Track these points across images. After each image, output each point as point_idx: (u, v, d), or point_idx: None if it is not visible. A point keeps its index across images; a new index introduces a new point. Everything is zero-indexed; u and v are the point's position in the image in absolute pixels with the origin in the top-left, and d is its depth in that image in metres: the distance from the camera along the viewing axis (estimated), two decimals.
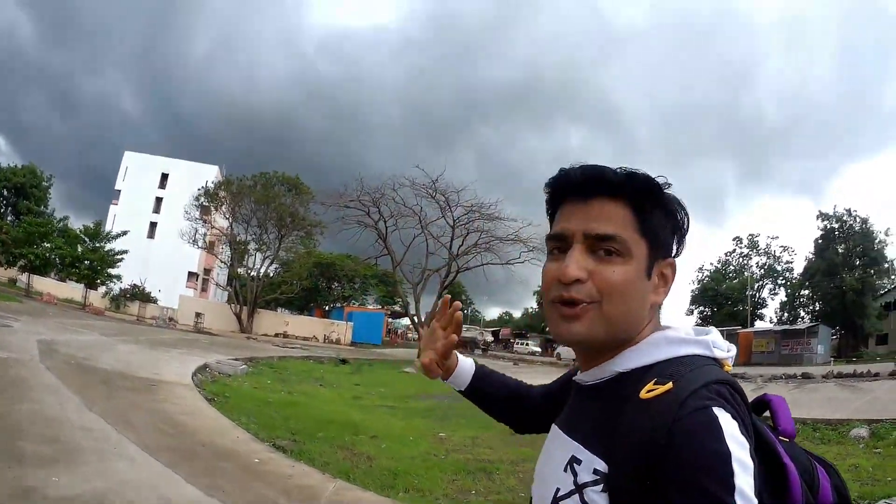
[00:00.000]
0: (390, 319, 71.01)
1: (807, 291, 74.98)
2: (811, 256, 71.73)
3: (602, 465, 1.05)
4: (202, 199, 51.04)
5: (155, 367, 15.12)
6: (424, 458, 9.79)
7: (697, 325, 1.31)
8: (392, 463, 9.15)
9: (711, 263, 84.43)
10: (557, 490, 1.13)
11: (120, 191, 72.96)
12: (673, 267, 1.22)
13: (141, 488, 6.08)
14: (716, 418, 0.95)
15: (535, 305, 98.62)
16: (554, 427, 1.32)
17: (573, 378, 1.35)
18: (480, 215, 42.09)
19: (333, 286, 67.54)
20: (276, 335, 47.03)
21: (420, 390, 21.70)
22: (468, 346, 61.49)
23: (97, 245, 46.21)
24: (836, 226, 67.37)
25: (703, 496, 0.89)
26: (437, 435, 12.11)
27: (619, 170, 1.19)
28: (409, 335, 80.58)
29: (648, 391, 1.03)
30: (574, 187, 1.22)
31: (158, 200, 72.98)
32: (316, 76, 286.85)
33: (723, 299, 79.59)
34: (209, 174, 67.74)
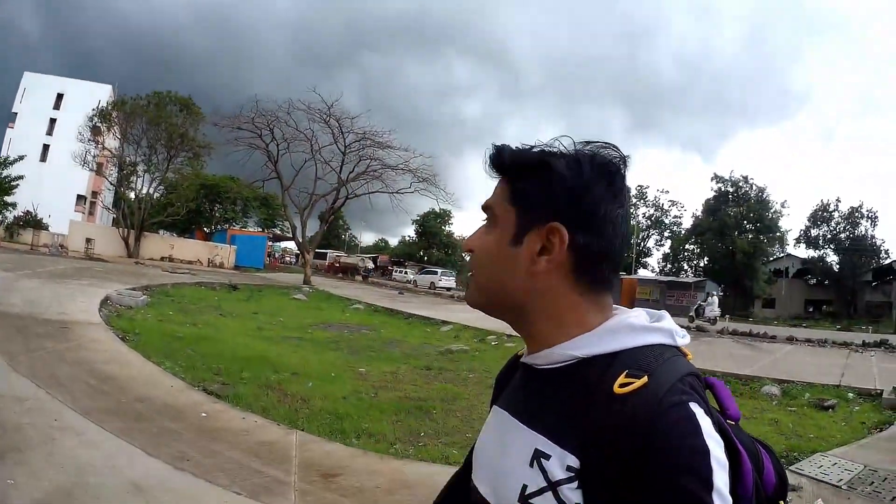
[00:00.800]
0: (270, 243, 68.60)
1: (692, 246, 77.64)
2: (699, 214, 74.86)
3: (574, 461, 0.94)
4: (96, 119, 47.02)
5: (61, 304, 13.72)
6: (358, 398, 9.34)
7: None
8: (327, 404, 8.66)
9: None
10: (525, 487, 0.99)
11: (17, 113, 66.82)
12: (557, 231, 1.05)
13: (103, 472, 5.09)
14: (693, 415, 0.90)
15: (412, 234, 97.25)
16: (501, 411, 1.19)
17: (521, 359, 1.21)
18: (372, 143, 41.48)
19: (215, 208, 64.06)
20: (162, 259, 44.46)
21: (316, 319, 21.34)
22: (349, 272, 60.38)
23: None
24: (731, 189, 70.28)
25: (682, 494, 0.83)
26: (357, 370, 11.70)
27: (494, 147, 1.15)
28: (287, 259, 78.83)
29: (622, 385, 0.94)
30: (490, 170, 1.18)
31: (52, 122, 67.17)
32: None
33: None
34: (102, 94, 62.88)
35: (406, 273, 69.07)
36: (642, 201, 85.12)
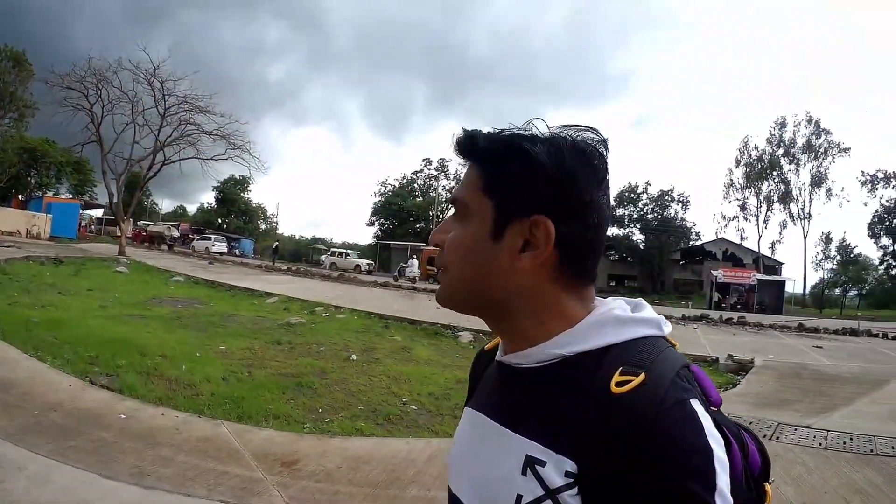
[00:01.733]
0: (81, 211, 62.01)
1: None
2: None
3: (572, 466, 0.86)
4: None
5: None
6: (237, 378, 8.95)
7: (377, 238, 1.17)
8: (214, 387, 8.29)
9: (396, 179, 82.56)
10: (520, 497, 0.89)
11: None
12: (542, 225, 0.94)
13: None
14: (696, 413, 0.83)
15: (211, 201, 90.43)
16: (478, 415, 1.06)
17: (498, 359, 1.08)
18: (191, 107, 38.22)
19: (31, 174, 56.78)
20: None
21: (147, 294, 19.73)
22: (156, 240, 55.95)
23: None
24: None
25: (686, 497, 0.77)
26: (217, 349, 11.07)
27: (465, 131, 1.02)
28: (92, 227, 72.69)
29: (619, 384, 0.85)
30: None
31: None
32: None
33: (406, 215, 78.04)
34: None
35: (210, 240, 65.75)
36: (443, 174, 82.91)
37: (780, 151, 66.39)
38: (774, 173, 66.25)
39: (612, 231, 71.67)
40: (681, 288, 65.69)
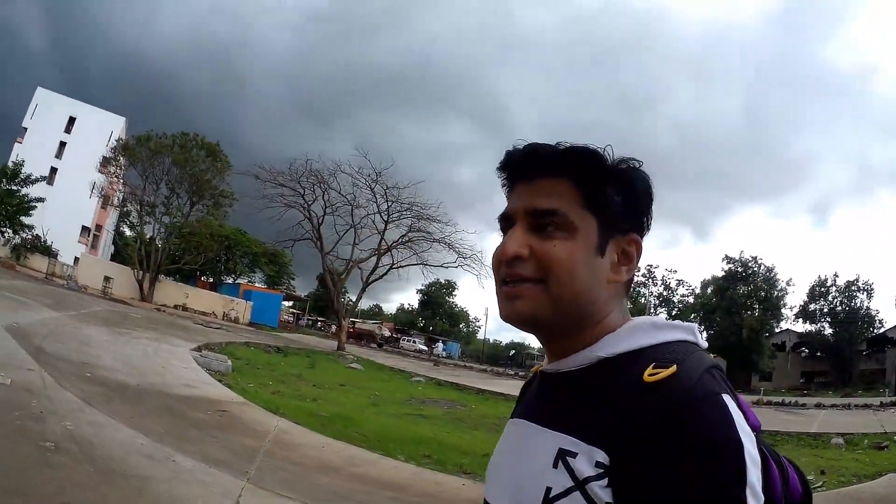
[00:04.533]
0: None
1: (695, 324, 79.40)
2: (696, 289, 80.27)
3: (603, 457, 0.93)
4: (118, 152, 45.70)
5: (168, 371, 12.99)
6: None
7: None
8: None
9: None
10: (549, 490, 0.96)
11: (27, 129, 64.54)
12: (636, 243, 1.13)
13: None
14: (726, 406, 0.90)
15: (414, 303, 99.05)
16: (518, 421, 1.17)
17: (541, 370, 1.21)
18: (416, 214, 41.23)
19: (221, 260, 62.65)
20: (176, 307, 42.75)
21: (403, 393, 21.12)
22: (364, 338, 59.50)
23: (12, 188, 40.92)
24: (741, 269, 73.83)
25: (715, 488, 0.83)
26: None
27: (557, 145, 1.12)
28: (300, 319, 76.78)
29: (651, 374, 0.94)
30: (519, 168, 1.15)
31: (62, 145, 65.70)
32: (208, 36, 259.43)
33: None
34: (115, 125, 62.66)
35: (414, 342, 69.85)
36: (650, 280, 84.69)
37: None
38: None
39: (806, 327, 78.53)
40: (866, 378, 66.76)
